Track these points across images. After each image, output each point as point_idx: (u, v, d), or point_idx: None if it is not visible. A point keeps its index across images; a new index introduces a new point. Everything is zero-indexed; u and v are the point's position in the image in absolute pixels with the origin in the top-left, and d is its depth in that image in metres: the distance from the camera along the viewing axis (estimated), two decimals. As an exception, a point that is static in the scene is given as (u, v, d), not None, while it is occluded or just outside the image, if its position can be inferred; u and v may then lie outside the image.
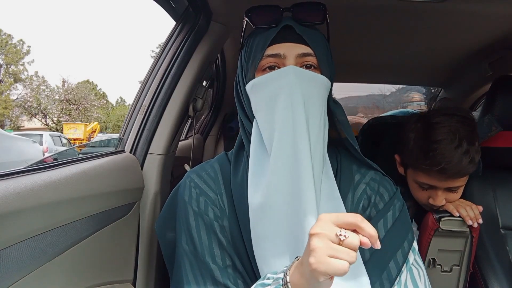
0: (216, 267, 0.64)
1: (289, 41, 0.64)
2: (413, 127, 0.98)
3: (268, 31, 0.65)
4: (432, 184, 0.95)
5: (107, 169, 0.85)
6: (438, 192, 0.96)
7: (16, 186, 0.58)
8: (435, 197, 0.96)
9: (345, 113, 0.71)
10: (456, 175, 0.92)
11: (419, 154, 0.93)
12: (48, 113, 26.06)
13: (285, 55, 0.63)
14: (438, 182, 0.94)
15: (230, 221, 0.67)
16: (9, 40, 23.82)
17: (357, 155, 0.72)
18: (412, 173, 1.00)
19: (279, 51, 0.64)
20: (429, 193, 0.98)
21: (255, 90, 0.65)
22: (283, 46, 0.64)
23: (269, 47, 0.64)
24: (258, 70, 0.65)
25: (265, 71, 0.65)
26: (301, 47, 0.64)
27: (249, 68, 0.66)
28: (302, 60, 0.64)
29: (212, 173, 0.73)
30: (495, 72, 1.58)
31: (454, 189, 0.96)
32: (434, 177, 0.93)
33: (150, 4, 67.34)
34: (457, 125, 0.92)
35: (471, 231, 0.96)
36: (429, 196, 0.98)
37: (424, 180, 0.96)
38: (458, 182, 0.95)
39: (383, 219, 0.66)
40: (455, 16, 1.15)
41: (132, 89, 34.43)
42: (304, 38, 0.64)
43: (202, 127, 2.18)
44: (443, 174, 0.91)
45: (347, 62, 1.72)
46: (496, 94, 1.22)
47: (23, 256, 0.58)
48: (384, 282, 0.61)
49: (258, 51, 0.65)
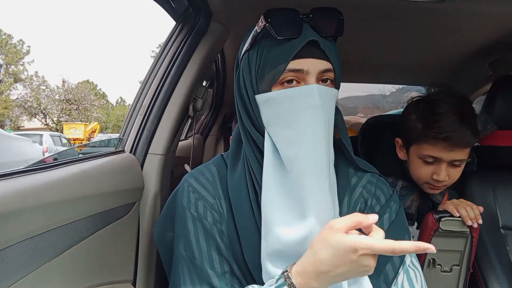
0: (214, 273, 0.63)
1: (313, 57, 0.61)
2: (414, 108, 1.03)
3: (290, 42, 0.61)
4: (437, 156, 0.97)
5: (107, 169, 0.85)
6: (442, 166, 0.97)
7: (16, 186, 0.58)
8: (439, 172, 0.97)
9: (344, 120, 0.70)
10: (461, 144, 0.95)
11: (424, 125, 0.97)
12: (48, 113, 26.06)
13: (308, 71, 0.61)
14: (443, 153, 0.96)
15: (228, 226, 0.67)
16: (9, 40, 23.83)
17: (354, 158, 0.72)
18: (416, 149, 1.01)
19: (303, 66, 0.60)
20: (433, 169, 0.99)
21: (271, 103, 0.63)
22: (306, 62, 0.61)
23: (292, 60, 0.61)
24: (277, 83, 0.62)
25: (284, 85, 0.62)
26: (323, 63, 0.61)
27: (263, 78, 0.63)
28: (322, 75, 0.62)
29: (210, 177, 0.72)
30: (495, 72, 1.58)
31: (457, 163, 0.98)
32: (439, 148, 0.96)
33: (150, 4, 67.42)
34: (458, 101, 0.98)
35: (471, 231, 0.96)
36: (432, 172, 0.99)
37: (429, 152, 0.98)
38: (461, 155, 0.97)
39: (379, 221, 0.66)
40: (455, 16, 1.15)
41: (132, 89, 34.43)
42: (327, 53, 0.62)
43: (202, 127, 2.18)
44: (448, 142, 0.93)
45: (347, 62, 1.71)
46: (496, 94, 1.22)
47: (23, 256, 0.58)
48: (381, 284, 0.61)
49: (279, 63, 0.61)
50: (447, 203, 0.99)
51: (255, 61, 0.64)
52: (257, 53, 0.64)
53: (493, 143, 1.18)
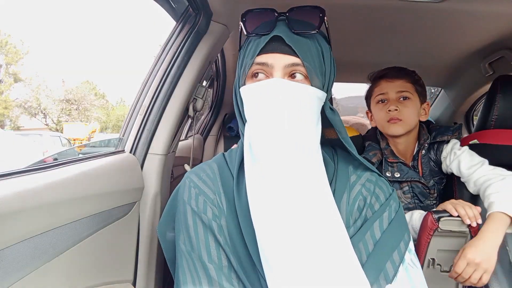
0: (212, 267, 0.64)
1: (277, 52, 0.65)
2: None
3: (260, 38, 0.66)
4: (384, 92, 1.19)
5: (107, 169, 0.85)
6: (391, 100, 1.18)
7: (16, 186, 0.58)
8: (390, 104, 1.17)
9: (342, 122, 0.72)
10: (397, 73, 1.19)
11: (371, 79, 1.26)
12: (48, 113, 26.07)
13: (272, 65, 0.64)
14: (387, 87, 1.19)
15: (228, 221, 0.68)
16: (9, 40, 23.84)
17: (354, 155, 0.72)
18: (372, 100, 1.24)
19: (267, 60, 0.65)
20: (386, 106, 1.18)
21: (244, 96, 0.68)
22: (271, 56, 0.65)
23: (258, 55, 0.65)
24: (248, 76, 0.67)
25: (253, 78, 0.67)
26: (289, 57, 0.64)
27: (241, 73, 0.69)
28: (291, 69, 0.65)
29: (211, 173, 0.74)
30: (495, 72, 1.58)
31: (404, 95, 1.17)
32: (382, 85, 1.20)
33: (150, 4, 67.72)
34: None
35: (471, 231, 0.96)
36: (387, 110, 1.18)
37: (378, 91, 1.21)
38: (405, 86, 1.18)
39: (379, 219, 0.66)
40: (455, 16, 1.15)
41: (132, 89, 34.44)
42: (293, 48, 0.64)
43: (202, 127, 2.18)
44: (386, 78, 1.20)
45: (347, 62, 1.72)
46: (496, 94, 1.22)
47: (23, 256, 0.58)
48: (381, 282, 0.61)
49: (249, 58, 0.66)
50: (445, 203, 1.00)
51: (240, 57, 0.70)
52: (242, 51, 0.70)
53: (492, 142, 1.18)
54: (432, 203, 1.19)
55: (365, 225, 0.66)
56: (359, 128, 2.13)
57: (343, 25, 1.25)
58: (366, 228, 0.66)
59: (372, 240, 0.64)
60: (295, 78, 0.65)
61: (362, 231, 0.65)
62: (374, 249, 0.63)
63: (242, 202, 0.66)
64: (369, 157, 1.22)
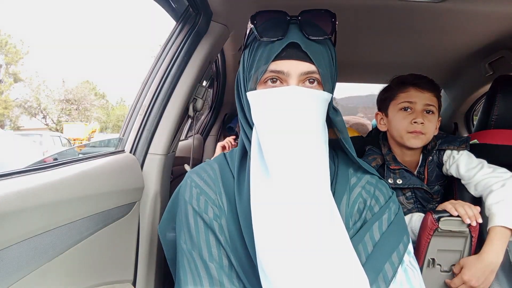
0: (214, 266, 0.64)
1: (293, 59, 0.62)
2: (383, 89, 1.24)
3: (273, 43, 0.63)
4: (411, 100, 1.13)
5: (107, 169, 0.86)
6: (417, 111, 1.12)
7: (16, 186, 0.58)
8: (416, 116, 1.12)
9: (344, 122, 0.71)
10: (428, 85, 1.13)
11: (396, 83, 1.18)
12: (48, 113, 26.07)
13: (288, 73, 0.62)
14: (415, 96, 1.13)
15: (228, 221, 0.68)
16: (9, 40, 23.83)
17: (354, 159, 0.72)
18: (394, 104, 1.17)
19: (283, 68, 0.62)
20: (411, 116, 1.12)
21: (255, 102, 0.65)
22: (287, 64, 0.62)
23: (273, 62, 0.63)
24: (260, 82, 0.65)
25: (267, 84, 0.64)
26: (305, 65, 0.63)
27: (251, 77, 0.66)
28: (305, 76, 0.63)
29: (212, 174, 0.73)
30: (495, 72, 1.59)
31: (430, 108, 1.12)
32: (411, 92, 1.13)
33: (150, 4, 67.68)
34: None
35: (470, 231, 0.96)
36: (411, 119, 1.12)
37: (404, 98, 1.14)
38: (431, 99, 1.13)
39: (378, 221, 0.67)
40: (455, 16, 1.15)
41: (132, 89, 34.42)
42: (310, 55, 0.62)
43: (202, 127, 2.18)
44: (417, 87, 1.13)
45: (347, 62, 1.72)
46: (496, 94, 1.22)
47: (23, 256, 0.58)
48: (380, 283, 0.61)
49: (262, 64, 0.63)
50: (445, 203, 1.00)
51: (246, 60, 0.68)
52: (248, 53, 0.68)
53: (492, 141, 1.18)
54: (435, 207, 1.18)
55: (364, 226, 0.66)
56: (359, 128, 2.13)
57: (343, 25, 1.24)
58: (365, 229, 0.66)
59: (371, 241, 0.64)
60: (312, 84, 0.64)
61: (361, 233, 0.65)
62: (373, 250, 0.64)
63: (243, 203, 0.66)
64: (368, 161, 1.18)
